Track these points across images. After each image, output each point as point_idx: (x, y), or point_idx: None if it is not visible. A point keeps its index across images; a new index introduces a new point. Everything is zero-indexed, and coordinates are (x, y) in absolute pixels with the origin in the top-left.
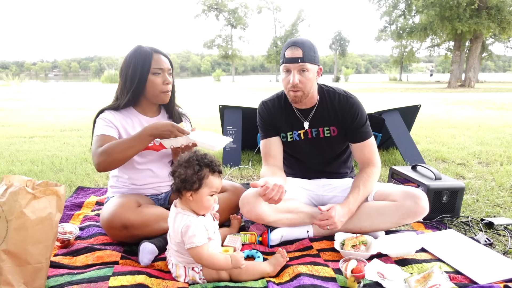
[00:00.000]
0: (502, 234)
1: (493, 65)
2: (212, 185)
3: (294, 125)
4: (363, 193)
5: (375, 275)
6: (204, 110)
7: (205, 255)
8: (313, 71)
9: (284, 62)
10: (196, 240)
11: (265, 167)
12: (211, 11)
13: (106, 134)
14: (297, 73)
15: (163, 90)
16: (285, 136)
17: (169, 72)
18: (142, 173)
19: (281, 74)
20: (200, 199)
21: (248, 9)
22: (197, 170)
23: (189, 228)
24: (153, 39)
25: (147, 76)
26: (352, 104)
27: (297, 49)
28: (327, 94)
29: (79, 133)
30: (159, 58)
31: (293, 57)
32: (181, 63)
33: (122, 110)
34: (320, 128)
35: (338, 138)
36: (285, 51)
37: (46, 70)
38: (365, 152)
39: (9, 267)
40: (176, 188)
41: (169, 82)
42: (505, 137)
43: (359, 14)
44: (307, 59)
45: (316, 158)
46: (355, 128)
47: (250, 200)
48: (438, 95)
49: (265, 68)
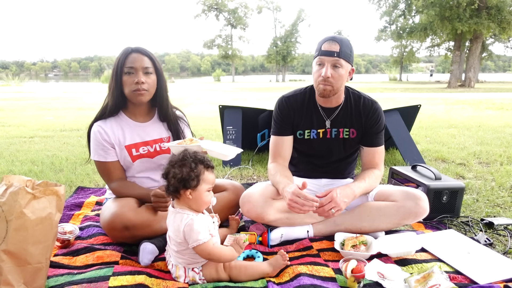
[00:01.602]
0: (502, 234)
1: (493, 65)
2: (209, 181)
3: (314, 123)
4: (368, 184)
5: (375, 275)
6: (204, 110)
7: (212, 250)
8: (346, 69)
9: (319, 55)
10: (201, 237)
11: (273, 165)
12: (211, 11)
13: (106, 161)
14: (331, 68)
15: (134, 89)
16: (303, 133)
17: (146, 71)
18: (141, 179)
19: (314, 67)
20: (200, 196)
21: (248, 9)
22: (193, 167)
23: (192, 227)
24: (153, 39)
25: (121, 76)
26: (376, 109)
27: (335, 43)
28: (353, 96)
29: (79, 133)
30: (134, 57)
31: (329, 50)
32: (181, 63)
33: (112, 117)
34: (341, 129)
35: (355, 141)
36: (322, 44)
37: (46, 70)
38: (376, 157)
39: (9, 267)
40: (173, 189)
41: (140, 82)
42: (505, 137)
43: (359, 14)
44: (343, 55)
45: (326, 158)
46: (373, 133)
47: (250, 199)
48: (438, 95)
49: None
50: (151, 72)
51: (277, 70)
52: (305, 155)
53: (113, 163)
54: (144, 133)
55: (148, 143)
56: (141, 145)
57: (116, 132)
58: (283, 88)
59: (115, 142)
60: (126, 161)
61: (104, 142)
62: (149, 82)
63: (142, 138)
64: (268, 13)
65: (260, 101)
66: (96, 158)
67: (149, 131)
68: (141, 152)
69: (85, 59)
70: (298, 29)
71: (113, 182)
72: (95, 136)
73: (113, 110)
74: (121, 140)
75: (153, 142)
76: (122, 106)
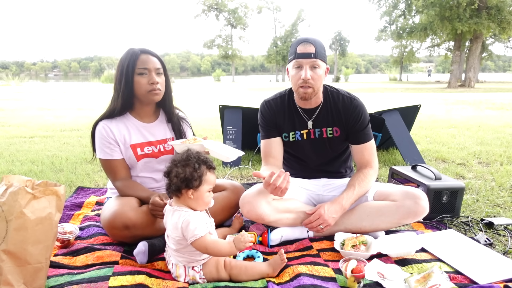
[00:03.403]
0: (502, 234)
1: (493, 65)
2: (210, 181)
3: (297, 125)
4: (358, 191)
5: (375, 275)
6: (204, 110)
7: (209, 243)
8: (323, 69)
9: (295, 58)
10: (198, 232)
11: (265, 167)
12: (211, 11)
13: (112, 159)
14: (309, 69)
15: (149, 89)
16: (287, 136)
17: (158, 72)
18: (144, 179)
19: (291, 71)
20: (201, 196)
21: (248, 9)
22: (196, 168)
23: (190, 222)
24: (153, 39)
25: (132, 77)
26: (355, 106)
27: (309, 45)
28: (331, 94)
29: (79, 133)
30: (145, 58)
31: (306, 53)
32: (181, 63)
33: (118, 117)
34: (324, 129)
35: (340, 139)
36: (296, 47)
37: (46, 70)
38: (365, 154)
39: (9, 267)
40: (176, 188)
41: (155, 82)
42: (505, 137)
43: (359, 14)
44: (319, 55)
45: (317, 158)
46: (357, 130)
47: (250, 199)
48: (438, 95)
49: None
50: (161, 72)
51: (277, 70)
52: (296, 157)
53: (118, 161)
54: (149, 133)
55: (153, 143)
56: (145, 145)
57: (122, 131)
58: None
59: (120, 141)
60: (131, 160)
61: (110, 139)
62: (161, 82)
63: (146, 138)
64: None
65: (260, 101)
66: (102, 156)
67: (154, 131)
68: (146, 152)
69: (85, 59)
70: (298, 29)
71: (118, 181)
72: (100, 134)
73: (121, 111)
74: (126, 139)
75: (158, 142)
76: (129, 107)
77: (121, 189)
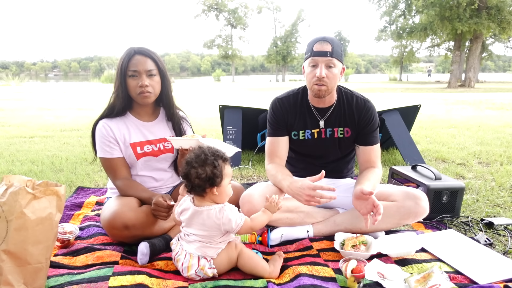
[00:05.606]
0: (502, 234)
1: (493, 65)
2: (229, 174)
3: (308, 124)
4: (373, 184)
5: (375, 275)
6: (204, 110)
7: (252, 222)
8: (339, 68)
9: (311, 56)
10: (240, 221)
11: (272, 165)
12: (211, 11)
13: (112, 157)
14: (325, 68)
15: (139, 92)
16: (297, 134)
17: (149, 74)
18: (143, 178)
19: (306, 68)
20: (224, 190)
21: (248, 9)
22: (216, 165)
23: (229, 217)
24: (153, 39)
25: (125, 79)
26: (368, 108)
27: (326, 43)
28: (345, 95)
29: (79, 133)
30: (137, 60)
31: (322, 51)
32: (181, 63)
33: (118, 116)
34: (335, 129)
35: (351, 140)
36: (313, 45)
37: (46, 70)
38: (372, 156)
39: (9, 267)
40: (200, 189)
41: (143, 85)
42: (505, 137)
43: (359, 14)
44: (336, 54)
45: (323, 158)
46: (368, 132)
47: (250, 199)
48: (438, 95)
49: (265, 68)
50: (154, 74)
51: (277, 70)
52: (302, 155)
53: (119, 160)
54: (148, 132)
55: (152, 142)
56: (145, 144)
57: (122, 129)
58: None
59: (120, 139)
60: (131, 158)
61: (110, 138)
62: (153, 84)
63: (146, 137)
64: (268, 13)
65: (260, 101)
66: (102, 155)
67: (154, 130)
68: (146, 150)
69: (85, 59)
70: (298, 29)
71: (119, 180)
72: (100, 133)
73: (120, 111)
74: (126, 138)
75: (157, 141)
76: (129, 107)
77: (121, 189)
